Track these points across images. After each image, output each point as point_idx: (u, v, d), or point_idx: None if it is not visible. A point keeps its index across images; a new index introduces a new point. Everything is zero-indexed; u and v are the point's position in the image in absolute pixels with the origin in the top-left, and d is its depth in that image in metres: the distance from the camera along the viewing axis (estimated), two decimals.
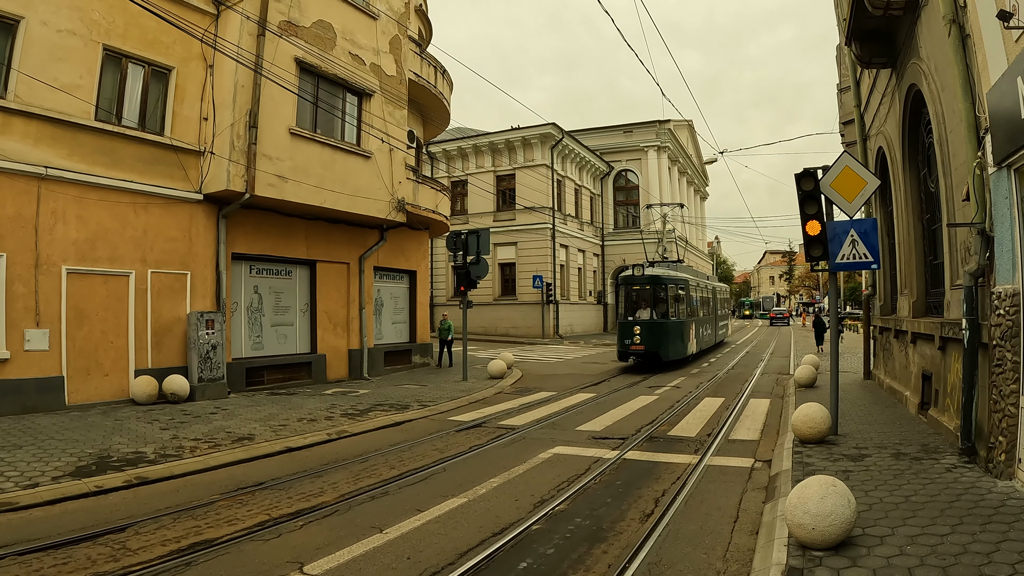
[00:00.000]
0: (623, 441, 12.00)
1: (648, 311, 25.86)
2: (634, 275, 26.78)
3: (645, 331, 25.09)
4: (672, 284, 26.81)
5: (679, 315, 27.12)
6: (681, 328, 27.12)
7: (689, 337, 28.41)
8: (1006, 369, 7.37)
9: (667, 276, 27.05)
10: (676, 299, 26.94)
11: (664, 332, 25.58)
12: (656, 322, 25.56)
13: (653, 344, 25.00)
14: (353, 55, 19.76)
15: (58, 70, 14.00)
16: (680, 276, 28.58)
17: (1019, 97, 6.54)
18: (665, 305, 26.05)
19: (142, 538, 6.93)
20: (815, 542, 5.67)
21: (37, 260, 13.80)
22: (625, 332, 25.63)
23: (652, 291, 26.20)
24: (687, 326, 28.07)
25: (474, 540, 6.85)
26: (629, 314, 26.41)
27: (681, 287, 27.85)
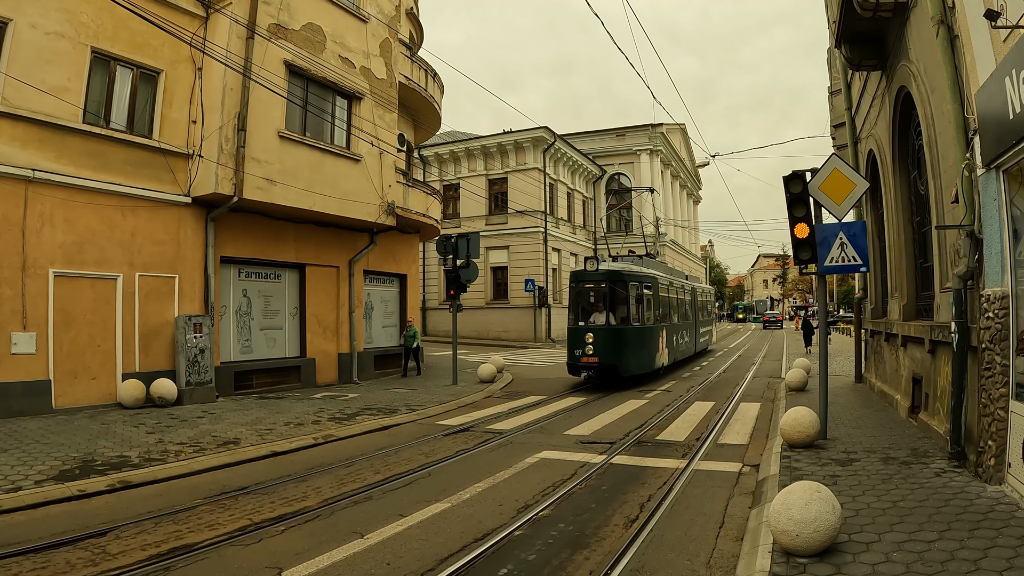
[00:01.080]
0: (611, 445, 11.93)
1: (604, 315, 21.18)
2: (586, 270, 21.73)
3: (599, 339, 20.57)
4: (635, 282, 22.25)
5: (644, 319, 22.46)
6: (645, 335, 22.64)
7: (658, 346, 23.89)
8: (995, 372, 7.31)
9: (628, 272, 22.35)
10: (640, 300, 22.39)
11: (623, 341, 21.22)
12: (613, 328, 21.01)
13: (609, 355, 20.53)
14: (343, 58, 19.68)
15: (46, 72, 13.91)
16: (646, 273, 23.88)
17: (1007, 98, 6.49)
18: (626, 307, 21.65)
19: (122, 542, 6.88)
20: (799, 549, 5.59)
21: (24, 263, 13.69)
22: (575, 341, 21.09)
23: (609, 290, 21.28)
24: (654, 333, 23.57)
25: (455, 546, 6.77)
26: (581, 319, 21.67)
27: (647, 285, 23.16)
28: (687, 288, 32.69)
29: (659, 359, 23.93)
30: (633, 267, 23.48)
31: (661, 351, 24.35)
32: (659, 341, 24.07)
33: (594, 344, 20.52)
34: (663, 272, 28.01)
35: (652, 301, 23.60)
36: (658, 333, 24.09)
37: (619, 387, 20.91)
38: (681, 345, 28.96)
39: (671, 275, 29.96)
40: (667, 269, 30.89)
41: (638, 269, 23.57)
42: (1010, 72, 6.40)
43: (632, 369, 21.44)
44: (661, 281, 25.78)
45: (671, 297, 27.71)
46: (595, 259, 21.85)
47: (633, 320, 21.83)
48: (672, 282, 28.54)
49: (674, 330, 27.27)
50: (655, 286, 24.27)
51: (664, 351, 24.78)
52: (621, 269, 22.27)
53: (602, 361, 20.49)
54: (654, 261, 28.32)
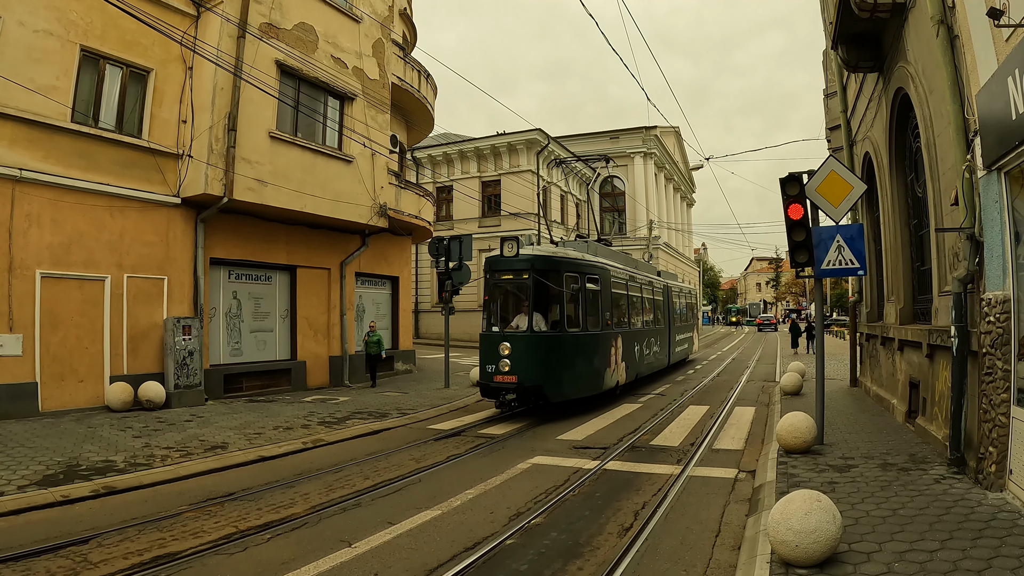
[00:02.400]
0: (604, 451, 11.81)
1: (526, 317, 15.62)
2: (503, 256, 15.85)
3: (519, 351, 15.15)
4: (573, 272, 16.42)
5: (586, 323, 16.67)
6: (589, 345, 16.89)
7: (608, 360, 18.11)
8: (996, 378, 7.20)
9: (563, 259, 16.33)
10: (581, 297, 16.62)
11: (553, 353, 15.52)
12: (539, 336, 15.41)
13: (533, 373, 15.10)
14: (335, 58, 19.54)
15: (35, 71, 13.77)
16: (590, 261, 17.63)
17: (1010, 98, 6.37)
18: (559, 307, 16.04)
19: (105, 550, 6.77)
20: (799, 559, 5.46)
21: (11, 264, 13.55)
22: (487, 352, 15.64)
23: (533, 283, 15.56)
24: (603, 342, 17.74)
25: (445, 555, 6.63)
26: (496, 323, 16.21)
27: (592, 277, 17.32)
28: (658, 286, 26.87)
29: (610, 376, 18.21)
30: (572, 253, 17.15)
31: (614, 366, 18.59)
32: (610, 352, 18.30)
33: (511, 358, 15.08)
34: (621, 263, 21.80)
35: (601, 299, 17.80)
36: (609, 342, 18.23)
37: (552, 414, 15.92)
38: (647, 357, 23.23)
39: (633, 267, 23.54)
40: (628, 260, 24.16)
41: (578, 256, 17.25)
42: (1013, 72, 6.28)
43: (567, 392, 15.83)
44: (616, 274, 19.87)
45: (632, 295, 21.88)
46: (515, 241, 15.86)
47: (570, 324, 16.18)
48: (634, 276, 22.48)
49: (636, 338, 21.51)
50: (604, 279, 18.31)
51: (619, 366, 19.08)
52: (552, 255, 16.25)
53: (522, 381, 14.98)
54: (608, 248, 21.94)
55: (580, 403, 16.80)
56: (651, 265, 30.41)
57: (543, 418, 15.61)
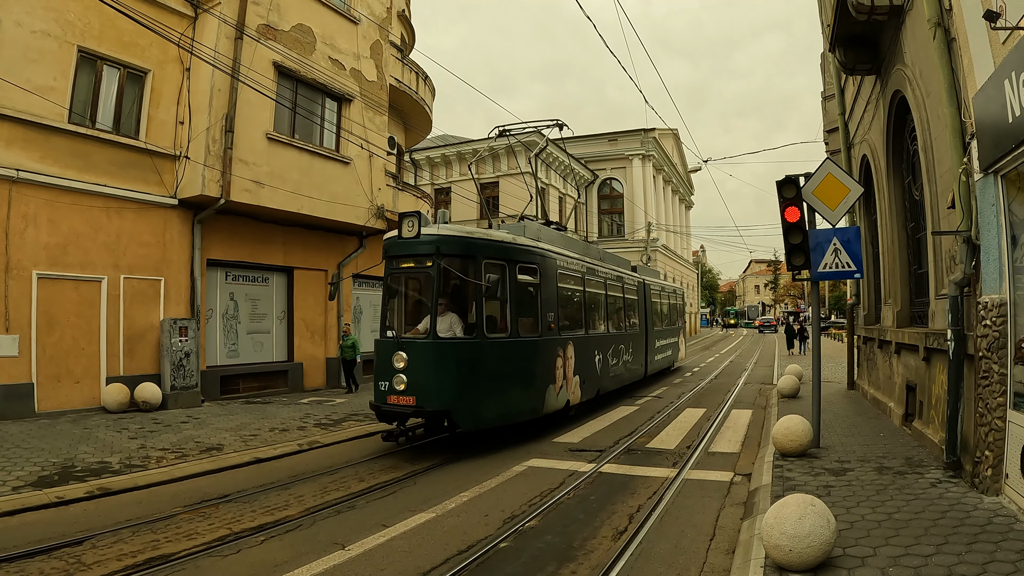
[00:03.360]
0: (600, 454, 11.80)
1: (429, 319, 11.98)
2: (402, 238, 12.20)
3: (418, 364, 11.68)
4: (494, 258, 12.54)
5: (515, 327, 12.88)
6: (516, 356, 13.07)
7: (551, 375, 14.09)
8: (993, 381, 7.18)
9: (477, 240, 12.47)
10: (506, 293, 12.79)
11: (465, 367, 12.00)
12: (445, 344, 11.84)
13: (437, 393, 11.61)
14: (333, 60, 19.54)
15: (32, 71, 13.76)
16: (519, 245, 13.39)
17: (1006, 101, 6.35)
18: (476, 305, 12.23)
19: (98, 552, 6.75)
20: (792, 564, 5.43)
21: (7, 264, 13.52)
22: (382, 365, 12.17)
23: (439, 273, 11.91)
24: (540, 352, 13.80)
25: (439, 558, 6.61)
26: (392, 325, 12.91)
27: (525, 267, 13.31)
28: (632, 282, 22.70)
29: (556, 395, 14.21)
30: (497, 235, 13.15)
31: (562, 381, 14.55)
32: (555, 364, 14.31)
33: (408, 372, 11.58)
34: (578, 252, 17.40)
35: (542, 296, 13.93)
36: (552, 351, 14.24)
37: (475, 446, 12.58)
38: (615, 368, 19.21)
39: (595, 259, 18.96)
40: (589, 250, 19.30)
41: (505, 239, 13.11)
42: (1009, 75, 6.27)
43: (486, 417, 12.34)
44: (565, 264, 15.63)
45: (593, 292, 17.90)
46: (415, 217, 12.08)
47: (492, 328, 12.64)
48: (594, 269, 18.12)
49: (597, 344, 17.64)
50: (547, 270, 14.25)
51: (570, 380, 15.05)
52: (465, 235, 12.49)
53: (422, 404, 11.45)
54: (559, 234, 16.75)
55: (498, 433, 12.96)
56: (623, 259, 24.26)
57: (462, 451, 12.23)
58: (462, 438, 13.15)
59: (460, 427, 11.97)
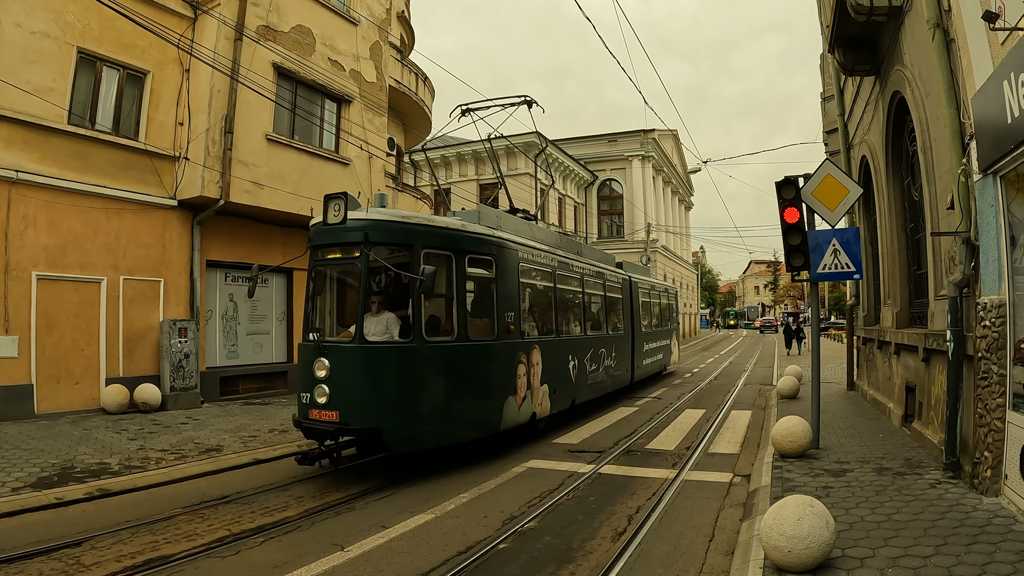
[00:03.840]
0: (599, 455, 11.79)
1: (364, 321, 10.22)
2: (326, 224, 10.41)
3: (343, 373, 10.02)
4: (437, 248, 10.84)
5: (464, 329, 11.11)
6: (465, 363, 11.23)
7: (511, 384, 12.23)
8: (992, 382, 7.18)
9: (414, 226, 10.76)
10: (454, 288, 11.12)
11: (400, 377, 10.29)
12: (373, 350, 10.19)
13: (365, 408, 9.94)
14: (332, 61, 19.54)
15: (31, 72, 13.75)
16: (470, 233, 11.59)
17: (1005, 101, 6.36)
18: (414, 303, 10.44)
19: (97, 553, 6.76)
20: (791, 565, 5.43)
21: (7, 265, 13.51)
22: (304, 373, 10.42)
23: (367, 265, 10.28)
24: (496, 358, 11.98)
25: (438, 559, 6.62)
26: (316, 328, 11.03)
27: (477, 258, 11.63)
28: (615, 280, 20.62)
29: (516, 408, 12.27)
30: (442, 220, 11.37)
31: (524, 391, 12.63)
32: (515, 372, 12.39)
33: (331, 382, 9.88)
34: (548, 244, 15.31)
35: (499, 292, 12.03)
36: (511, 356, 12.35)
37: (418, 468, 10.86)
38: (594, 374, 17.19)
39: (572, 252, 17.14)
40: (565, 242, 17.49)
41: (453, 225, 11.28)
42: (1008, 75, 6.27)
43: (426, 436, 10.50)
44: (529, 257, 13.62)
45: (566, 290, 15.95)
46: (341, 198, 10.16)
47: (434, 330, 11.00)
48: (568, 263, 16.14)
49: (572, 349, 15.68)
50: (506, 263, 12.38)
51: (536, 391, 13.18)
52: (400, 219, 10.75)
53: (348, 419, 9.72)
54: (523, 222, 14.62)
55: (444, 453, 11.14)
56: (607, 255, 22.24)
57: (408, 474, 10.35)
58: (401, 461, 11.07)
59: (393, 448, 10.12)
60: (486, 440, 11.76)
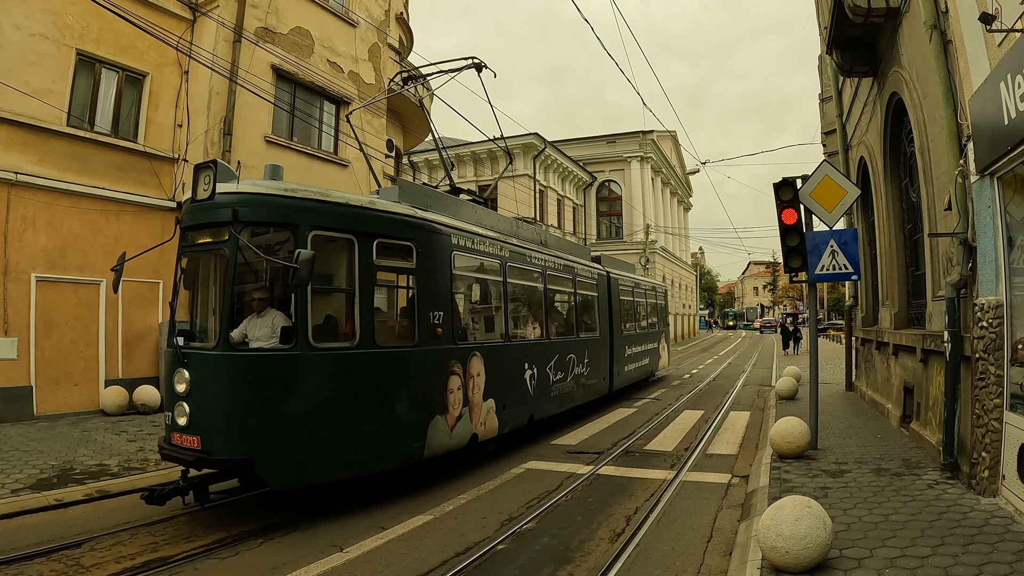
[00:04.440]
0: (598, 456, 11.79)
1: (246, 322, 8.52)
2: (195, 200, 8.27)
3: (203, 388, 7.97)
4: (330, 229, 8.69)
5: (370, 331, 8.87)
6: (370, 375, 8.91)
7: (440, 401, 9.98)
8: (989, 383, 7.19)
9: (300, 201, 8.41)
10: (355, 281, 8.81)
11: (278, 394, 8.08)
12: (242, 359, 8.05)
13: (231, 433, 7.82)
14: (331, 63, 19.55)
15: (30, 74, 13.75)
16: (377, 212, 9.27)
17: (1002, 103, 6.37)
18: (301, 298, 8.23)
19: (97, 554, 6.77)
20: (789, 565, 5.45)
21: (6, 267, 13.50)
22: (168, 389, 8.37)
23: (235, 251, 8.02)
24: (415, 369, 9.68)
25: (436, 560, 6.64)
26: (181, 331, 8.63)
27: (390, 244, 9.34)
28: (588, 276, 17.91)
29: (446, 430, 10.08)
30: (339, 195, 9.06)
31: (459, 409, 10.42)
32: (443, 386, 10.11)
33: (191, 400, 8.00)
34: (496, 229, 13.03)
35: (421, 286, 9.96)
36: (439, 366, 10.13)
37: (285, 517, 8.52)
38: (560, 385, 14.77)
39: (531, 241, 14.78)
40: (524, 230, 14.82)
41: (356, 201, 9.18)
42: (1005, 77, 6.28)
43: (313, 469, 8.28)
44: (470, 244, 11.36)
45: (519, 285, 13.66)
46: (210, 168, 8.16)
47: (328, 334, 9.01)
48: (522, 253, 13.60)
49: (526, 355, 13.29)
50: (435, 250, 10.27)
51: (475, 408, 10.92)
52: (280, 195, 8.42)
53: (210, 447, 7.76)
54: (472, 205, 12.82)
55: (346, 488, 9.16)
56: (582, 247, 20.22)
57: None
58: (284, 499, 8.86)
59: (269, 484, 8.02)
60: (408, 470, 9.64)
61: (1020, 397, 6.73)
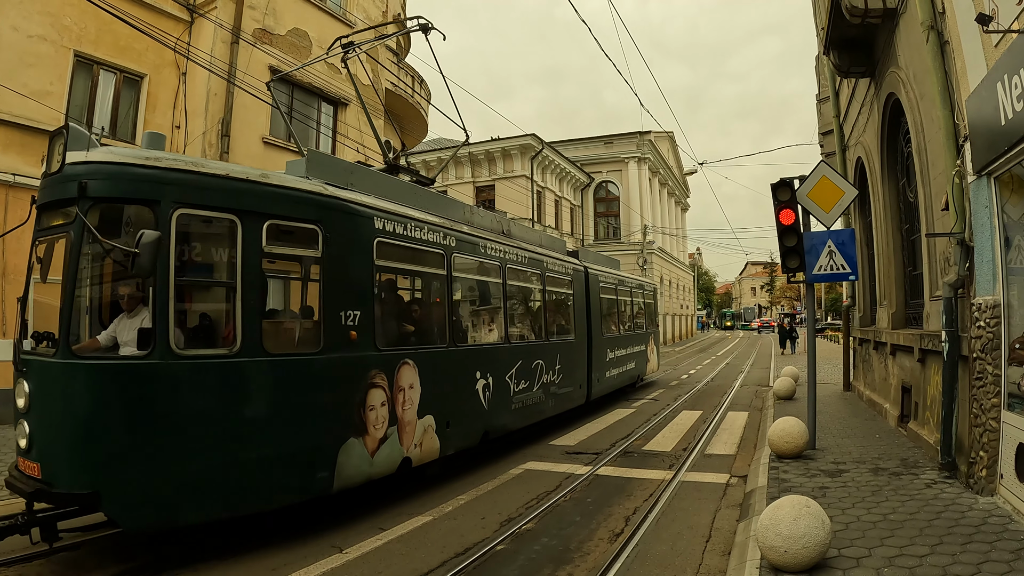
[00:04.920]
0: (597, 456, 11.79)
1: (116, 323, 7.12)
2: (48, 174, 6.88)
3: (44, 404, 6.54)
4: (206, 206, 6.95)
5: (257, 334, 7.13)
6: (247, 389, 7.18)
7: (353, 420, 8.14)
8: (987, 382, 7.21)
9: (160, 171, 6.62)
10: (235, 271, 7.06)
11: (123, 414, 6.40)
12: (82, 368, 6.49)
13: (69, 460, 6.29)
14: (328, 64, 19.55)
15: (28, 76, 13.76)
16: (271, 185, 7.46)
17: (999, 103, 6.39)
18: (156, 295, 6.51)
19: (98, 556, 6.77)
20: (787, 565, 5.45)
21: (4, 269, 13.50)
22: (14, 407, 6.88)
23: (80, 233, 6.45)
24: (319, 381, 7.76)
25: (435, 561, 6.64)
26: (33, 334, 7.33)
27: (289, 225, 7.68)
28: (562, 271, 16.05)
29: (366, 456, 8.30)
30: (218, 166, 7.32)
31: (383, 430, 8.64)
32: (360, 403, 8.32)
33: (31, 417, 6.59)
34: (442, 213, 11.23)
35: (334, 280, 8.20)
36: (352, 378, 8.31)
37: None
38: (523, 395, 12.96)
39: (487, 229, 12.82)
40: (479, 217, 12.88)
41: (243, 174, 7.29)
42: (1002, 77, 6.30)
43: (179, 508, 6.55)
44: (401, 230, 9.48)
45: (471, 279, 12.17)
46: (61, 134, 6.66)
47: (207, 338, 7.57)
48: (472, 241, 11.65)
49: (477, 362, 11.47)
50: (350, 235, 8.50)
51: (405, 427, 9.12)
52: (137, 164, 6.65)
53: (50, 476, 6.29)
54: (409, 185, 11.13)
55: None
56: (554, 238, 17.93)
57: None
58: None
59: (120, 524, 6.43)
60: (312, 504, 7.84)
61: (1017, 396, 6.75)
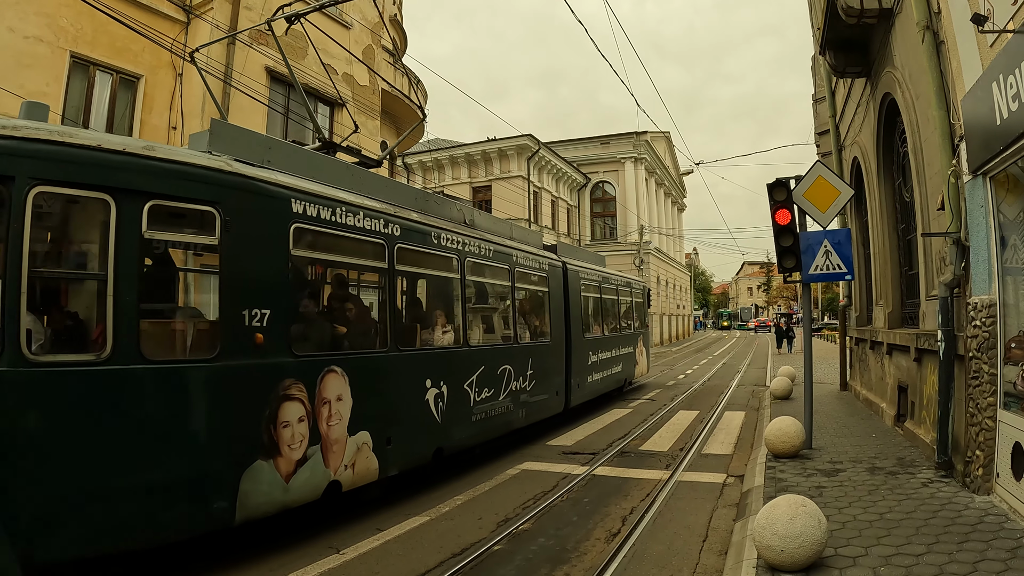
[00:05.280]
0: (594, 456, 11.78)
1: None
2: None
3: None
4: (70, 181, 5.74)
5: (128, 339, 5.85)
6: (115, 403, 5.80)
7: (261, 440, 6.73)
8: (983, 381, 7.22)
9: (20, 142, 5.45)
10: (106, 260, 5.83)
11: None
12: None
13: None
14: (325, 64, 19.53)
15: (24, 77, 13.68)
16: (156, 159, 6.17)
17: (994, 103, 6.40)
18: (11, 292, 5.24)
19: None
20: (784, 564, 5.46)
21: None
22: None
23: None
24: (214, 393, 6.44)
25: (433, 561, 6.63)
26: None
27: (180, 207, 6.46)
28: (536, 266, 14.47)
29: (278, 482, 6.89)
30: (87, 135, 5.98)
31: (300, 450, 7.20)
32: (271, 419, 6.87)
33: None
34: (381, 198, 9.38)
35: (236, 273, 6.79)
36: (258, 390, 6.84)
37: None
38: (487, 405, 11.44)
39: (437, 216, 10.94)
40: (438, 205, 11.30)
41: (122, 146, 6.05)
42: (997, 77, 6.32)
43: (33, 546, 5.28)
44: (328, 216, 7.97)
45: (422, 274, 11.08)
46: None
47: (70, 340, 6.05)
48: (422, 230, 10.05)
49: (428, 369, 9.90)
50: (259, 220, 7.07)
51: (331, 446, 7.70)
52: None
53: None
54: (347, 166, 9.35)
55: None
56: (528, 230, 16.85)
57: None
58: None
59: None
60: (211, 537, 6.60)
61: (1013, 395, 6.76)
